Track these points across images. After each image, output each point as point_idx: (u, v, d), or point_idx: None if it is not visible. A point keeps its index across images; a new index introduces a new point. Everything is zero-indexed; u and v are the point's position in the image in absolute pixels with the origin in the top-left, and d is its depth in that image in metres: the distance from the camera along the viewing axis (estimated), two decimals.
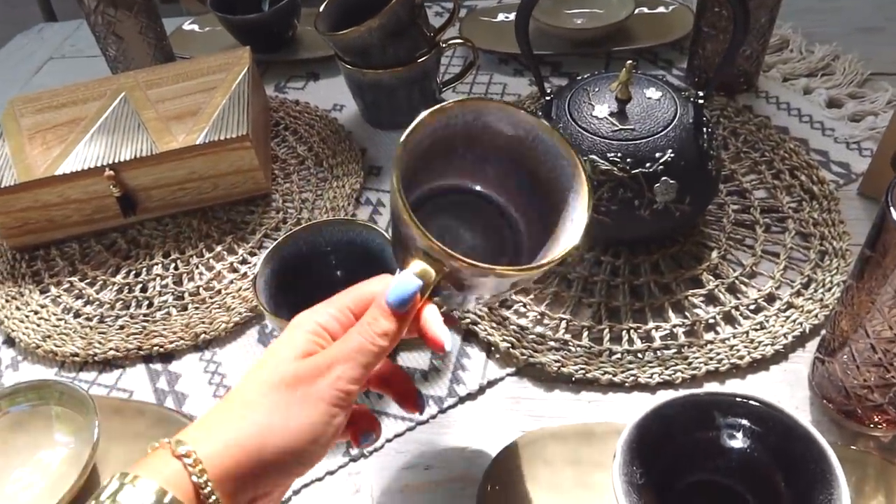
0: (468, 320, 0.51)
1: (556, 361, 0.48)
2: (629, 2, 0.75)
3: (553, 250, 0.35)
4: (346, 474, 0.45)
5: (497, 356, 0.50)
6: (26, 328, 0.56)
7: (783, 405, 0.36)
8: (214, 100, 0.63)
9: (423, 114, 0.33)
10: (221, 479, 0.29)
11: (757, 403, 0.36)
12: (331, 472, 0.45)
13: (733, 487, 0.38)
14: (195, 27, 0.89)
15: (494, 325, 0.51)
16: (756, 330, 0.49)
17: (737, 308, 0.50)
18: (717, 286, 0.51)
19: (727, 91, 0.67)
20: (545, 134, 0.36)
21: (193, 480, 0.28)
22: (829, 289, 0.50)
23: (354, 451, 0.46)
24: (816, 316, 0.49)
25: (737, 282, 0.52)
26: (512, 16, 0.82)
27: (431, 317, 0.33)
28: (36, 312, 0.57)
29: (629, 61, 0.49)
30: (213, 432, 0.30)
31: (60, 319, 0.56)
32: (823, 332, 0.44)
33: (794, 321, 0.49)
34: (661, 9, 0.78)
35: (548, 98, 0.53)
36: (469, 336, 0.51)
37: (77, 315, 0.57)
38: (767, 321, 0.49)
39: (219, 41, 0.84)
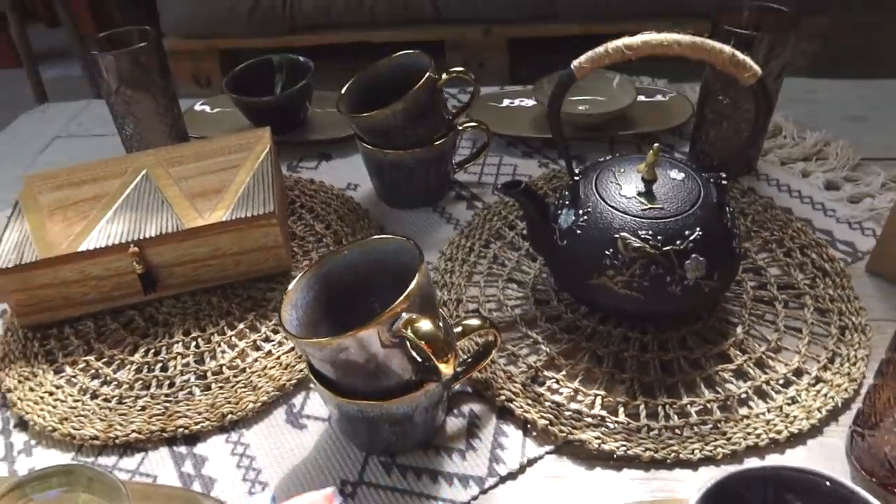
0: (503, 397, 0.51)
1: (595, 438, 0.48)
2: (631, 90, 0.79)
3: None
4: None
5: (534, 434, 0.50)
6: (41, 410, 0.54)
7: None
8: (238, 178, 0.64)
9: None
10: None
11: (818, 477, 0.37)
12: None
13: None
14: (206, 108, 0.91)
15: (530, 401, 0.51)
16: (789, 405, 0.49)
17: (767, 383, 0.51)
18: (745, 361, 0.52)
19: (731, 175, 0.71)
20: None
21: None
22: (854, 363, 0.52)
23: None
24: (846, 390, 0.50)
25: (763, 356, 0.53)
26: (516, 101, 0.86)
27: None
28: (51, 394, 0.55)
29: (656, 144, 0.52)
30: None
31: (77, 401, 0.54)
32: (860, 404, 0.45)
33: (826, 395, 0.50)
34: (660, 97, 0.83)
35: (576, 178, 0.55)
36: (504, 413, 0.51)
37: (94, 396, 0.55)
38: (799, 395, 0.50)
39: (230, 122, 0.86)
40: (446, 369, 0.40)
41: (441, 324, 0.44)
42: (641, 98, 0.81)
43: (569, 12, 1.60)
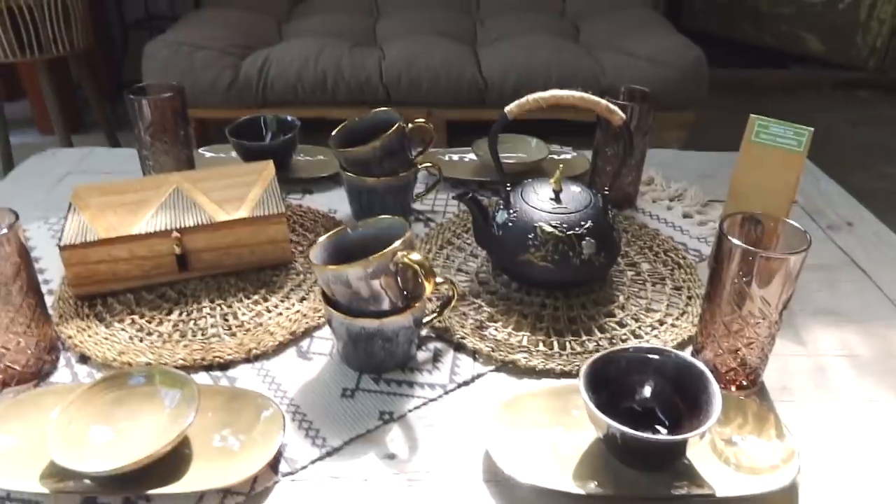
0: (458, 335, 0.71)
1: (524, 358, 0.69)
2: (544, 149, 1.06)
3: None
4: (382, 432, 0.61)
5: (480, 360, 0.70)
6: (101, 349, 0.69)
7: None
8: (254, 191, 0.84)
9: None
10: None
11: (663, 351, 0.59)
12: (369, 431, 0.61)
13: (652, 409, 0.59)
14: (206, 153, 1.10)
15: (477, 339, 0.71)
16: (654, 339, 0.72)
17: (639, 328, 0.74)
18: (625, 316, 0.75)
19: (618, 207, 0.97)
20: None
21: None
22: (696, 316, 0.75)
23: (386, 417, 0.62)
24: (690, 330, 0.73)
25: (638, 313, 0.76)
26: (456, 156, 1.11)
27: None
28: (106, 339, 0.71)
29: (561, 165, 0.76)
30: None
31: (129, 342, 0.70)
32: (694, 333, 0.68)
33: (677, 333, 0.73)
34: (566, 155, 1.10)
35: (507, 189, 0.78)
36: (459, 349, 0.71)
37: (142, 340, 0.71)
38: (660, 335, 0.73)
39: (227, 164, 1.06)
40: (429, 286, 0.61)
41: None
42: (553, 156, 1.07)
43: (495, 101, 1.96)
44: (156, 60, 1.94)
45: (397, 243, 0.61)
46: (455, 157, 1.10)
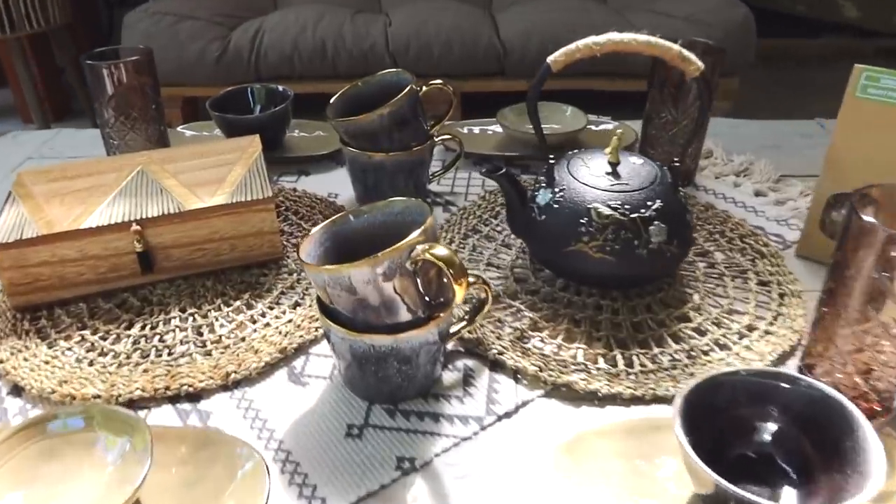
0: (495, 350, 0.56)
1: (581, 380, 0.53)
2: (581, 119, 0.89)
3: None
4: (401, 486, 0.46)
5: (525, 381, 0.54)
6: (37, 376, 0.54)
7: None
8: (234, 171, 0.68)
9: None
10: None
11: (786, 376, 0.43)
12: (384, 486, 0.46)
13: (771, 456, 0.43)
14: (185, 131, 0.95)
15: (519, 353, 0.55)
16: (745, 351, 0.56)
17: (724, 336, 0.58)
18: (703, 320, 0.59)
19: None
20: None
21: None
22: (794, 319, 0.59)
23: (406, 466, 0.47)
24: (790, 339, 0.57)
25: (719, 317, 0.60)
26: (476, 128, 0.95)
27: None
28: (47, 362, 0.56)
29: (619, 130, 0.60)
30: None
31: (75, 367, 0.55)
32: (804, 344, 0.52)
33: (774, 343, 0.57)
34: (605, 126, 0.93)
35: (551, 161, 0.62)
36: (496, 366, 0.55)
37: (92, 364, 0.56)
38: (752, 344, 0.57)
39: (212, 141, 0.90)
40: (460, 291, 0.45)
41: None
42: (591, 127, 0.91)
43: (515, 70, 1.77)
44: (135, 32, 1.76)
45: (415, 234, 0.46)
46: (476, 130, 0.94)
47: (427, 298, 0.48)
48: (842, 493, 0.38)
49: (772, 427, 0.43)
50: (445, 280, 0.47)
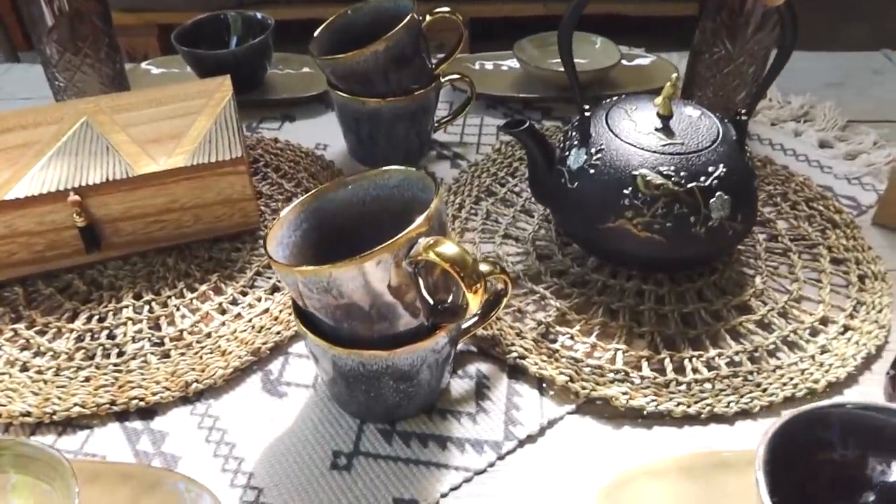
0: (514, 354, 0.45)
1: (622, 394, 0.43)
2: (614, 53, 0.76)
3: None
4: None
5: (552, 393, 0.44)
6: None
7: None
8: (198, 123, 0.56)
9: None
10: None
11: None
12: None
13: None
14: (151, 68, 0.82)
15: (544, 357, 0.45)
16: (821, 353, 0.46)
17: (795, 332, 0.47)
18: (768, 311, 0.49)
19: None
20: None
21: None
22: (880, 310, 0.48)
23: None
24: (877, 336, 0.46)
25: (787, 307, 0.49)
26: (489, 64, 0.81)
27: None
28: None
29: (674, 74, 0.47)
30: None
31: (3, 374, 0.45)
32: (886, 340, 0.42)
33: (857, 343, 0.46)
34: (640, 60, 0.80)
35: (586, 113, 0.50)
36: (516, 372, 0.45)
37: (25, 368, 0.46)
38: (830, 344, 0.46)
39: (178, 82, 0.78)
40: (475, 301, 0.34)
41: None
42: (624, 62, 0.78)
43: None
44: None
45: (417, 222, 0.34)
46: (489, 66, 0.80)
47: (432, 303, 0.37)
48: None
49: (883, 478, 0.33)
50: (454, 285, 0.36)
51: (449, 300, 0.39)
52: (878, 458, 0.32)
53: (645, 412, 0.42)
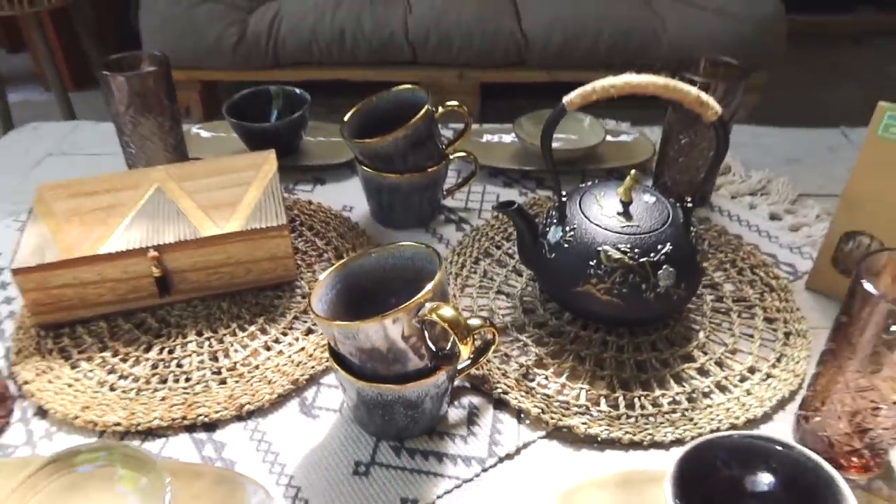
0: (499, 390, 0.57)
1: (582, 424, 0.54)
2: (600, 131, 0.88)
3: None
4: None
5: (528, 422, 0.56)
6: (62, 400, 0.56)
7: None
8: (249, 194, 0.69)
9: None
10: None
11: (778, 442, 0.44)
12: None
13: None
14: (201, 132, 0.95)
15: (523, 393, 0.57)
16: (745, 396, 0.57)
17: (726, 378, 0.59)
18: (706, 360, 0.60)
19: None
20: None
21: None
22: (798, 362, 0.60)
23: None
24: (791, 383, 0.58)
25: (722, 357, 0.61)
26: (495, 137, 0.94)
27: None
28: (70, 385, 0.58)
29: (633, 171, 0.60)
30: None
31: (97, 392, 0.58)
32: (804, 392, 0.53)
33: (775, 388, 0.57)
34: (624, 137, 0.92)
35: (563, 199, 0.62)
36: (500, 405, 0.57)
37: (113, 388, 0.58)
38: (753, 388, 0.58)
39: (226, 146, 0.91)
40: (465, 350, 0.46)
41: None
42: (609, 138, 0.90)
43: (536, 60, 1.74)
44: (153, 16, 1.76)
45: (425, 290, 0.47)
46: (493, 139, 0.93)
47: (434, 349, 0.49)
48: None
49: (762, 490, 0.45)
50: (451, 339, 0.48)
51: (447, 348, 0.51)
52: (753, 474, 0.44)
53: (599, 439, 0.54)
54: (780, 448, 0.44)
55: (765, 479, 0.44)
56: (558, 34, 1.76)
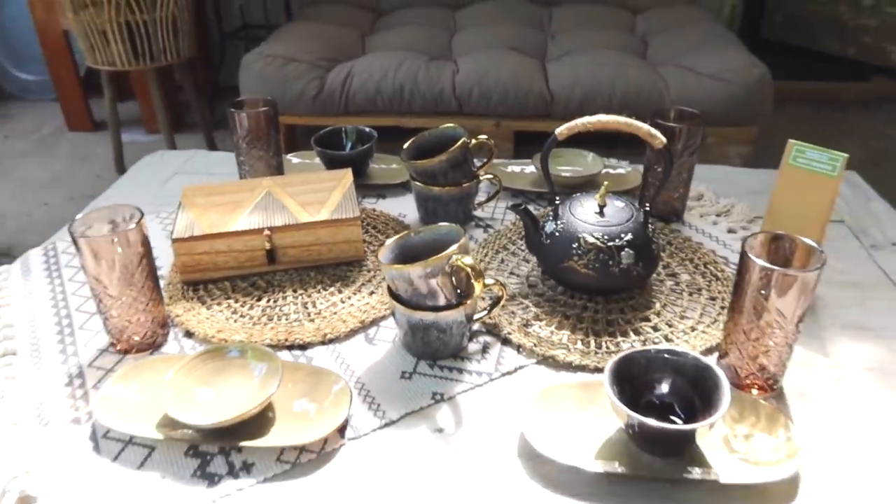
0: (506, 332, 0.80)
1: (562, 354, 0.77)
2: (599, 164, 1.13)
3: None
4: (434, 409, 0.71)
5: (524, 353, 0.79)
6: (203, 327, 0.82)
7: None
8: (333, 195, 0.95)
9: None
10: None
11: (681, 353, 0.66)
12: (422, 408, 0.71)
13: (671, 404, 0.66)
14: (293, 159, 1.24)
15: (523, 335, 0.80)
16: (684, 344, 0.79)
17: (672, 333, 0.81)
18: (659, 321, 0.82)
19: (666, 220, 1.03)
20: None
21: None
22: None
23: (438, 398, 0.72)
24: (718, 337, 0.79)
25: (672, 320, 0.83)
26: (517, 168, 1.20)
27: None
28: (207, 319, 0.84)
29: (605, 183, 0.84)
30: None
31: (226, 321, 0.83)
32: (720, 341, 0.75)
33: (706, 339, 0.79)
34: (620, 170, 1.17)
35: (557, 202, 0.87)
36: (506, 343, 0.80)
37: (236, 321, 0.84)
38: (690, 340, 0.79)
39: (310, 170, 1.19)
40: (478, 286, 0.70)
41: None
42: (608, 170, 1.15)
43: (560, 113, 2.05)
44: (252, 71, 2.13)
45: (453, 247, 0.71)
46: (517, 169, 1.19)
47: (459, 291, 0.74)
48: (705, 419, 0.61)
49: (670, 385, 0.66)
50: (471, 280, 0.72)
51: (466, 291, 0.75)
52: (665, 375, 0.66)
53: (573, 365, 0.76)
54: (681, 357, 0.66)
55: (673, 379, 0.66)
56: (579, 92, 2.07)
